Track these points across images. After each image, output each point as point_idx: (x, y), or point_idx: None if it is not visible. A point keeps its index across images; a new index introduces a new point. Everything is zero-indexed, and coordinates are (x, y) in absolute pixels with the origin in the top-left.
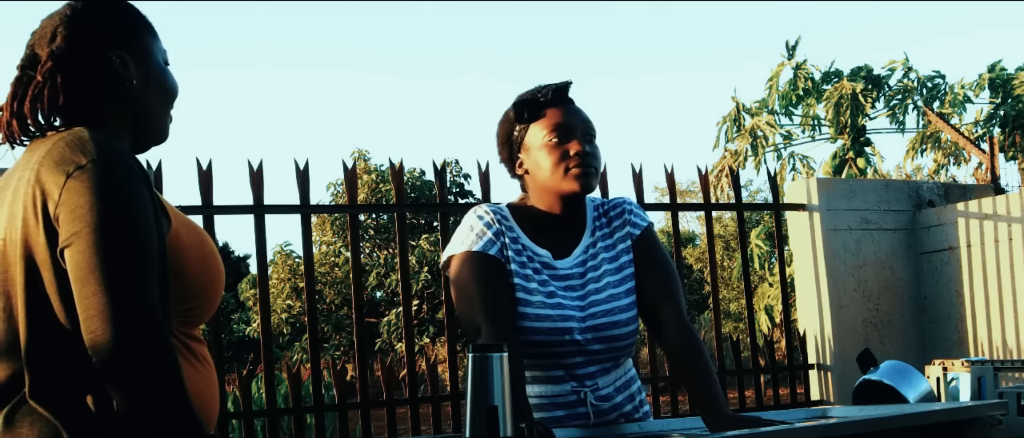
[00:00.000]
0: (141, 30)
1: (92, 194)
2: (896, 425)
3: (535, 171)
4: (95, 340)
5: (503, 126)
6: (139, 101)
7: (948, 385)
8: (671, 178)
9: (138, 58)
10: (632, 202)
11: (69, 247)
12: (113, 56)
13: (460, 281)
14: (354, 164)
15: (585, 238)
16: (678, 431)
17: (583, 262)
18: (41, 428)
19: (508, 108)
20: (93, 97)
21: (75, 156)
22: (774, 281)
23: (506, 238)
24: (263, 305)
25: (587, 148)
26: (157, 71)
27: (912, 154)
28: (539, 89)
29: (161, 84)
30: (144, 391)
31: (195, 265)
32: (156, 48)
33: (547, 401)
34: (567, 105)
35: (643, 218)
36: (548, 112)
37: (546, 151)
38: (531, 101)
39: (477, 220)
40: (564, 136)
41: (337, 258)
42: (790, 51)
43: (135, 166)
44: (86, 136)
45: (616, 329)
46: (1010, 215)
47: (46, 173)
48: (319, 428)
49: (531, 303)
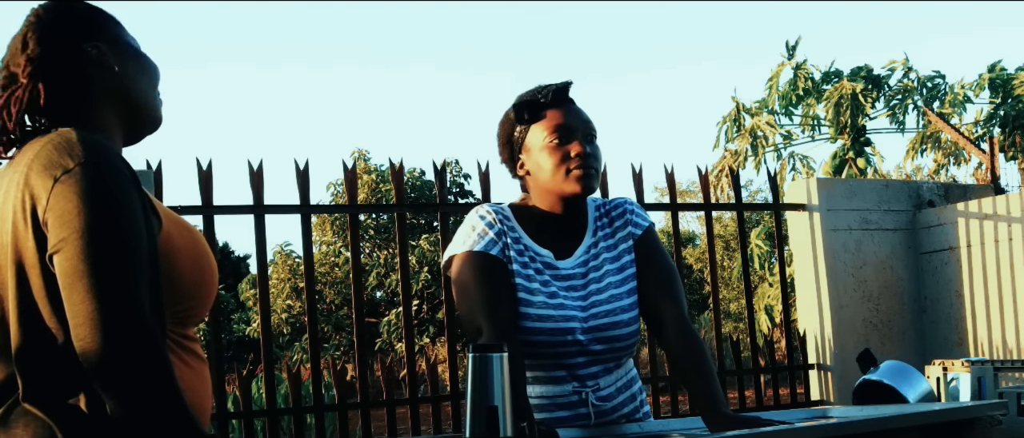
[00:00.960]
0: (107, 22)
1: (80, 199)
2: (896, 425)
3: (536, 172)
4: (84, 347)
5: (503, 127)
6: (125, 87)
7: (948, 385)
8: (671, 178)
9: (113, 46)
10: (633, 202)
11: (57, 253)
12: (89, 48)
13: (461, 281)
14: (354, 164)
15: (587, 238)
16: (678, 431)
17: (585, 262)
18: (36, 429)
19: (508, 108)
20: (78, 94)
21: (63, 159)
22: (774, 281)
23: (508, 238)
24: (263, 305)
25: (588, 149)
26: (136, 54)
27: (912, 154)
28: (539, 90)
29: (142, 66)
30: (135, 397)
31: (188, 266)
32: (127, 36)
33: (548, 401)
34: (567, 106)
35: (644, 218)
36: (548, 113)
37: (547, 153)
38: (531, 102)
39: (479, 220)
40: (565, 137)
41: (337, 258)
42: (790, 51)
43: (123, 168)
44: (74, 138)
45: (618, 329)
46: (1010, 215)
47: (35, 177)
48: (319, 428)
49: (533, 303)
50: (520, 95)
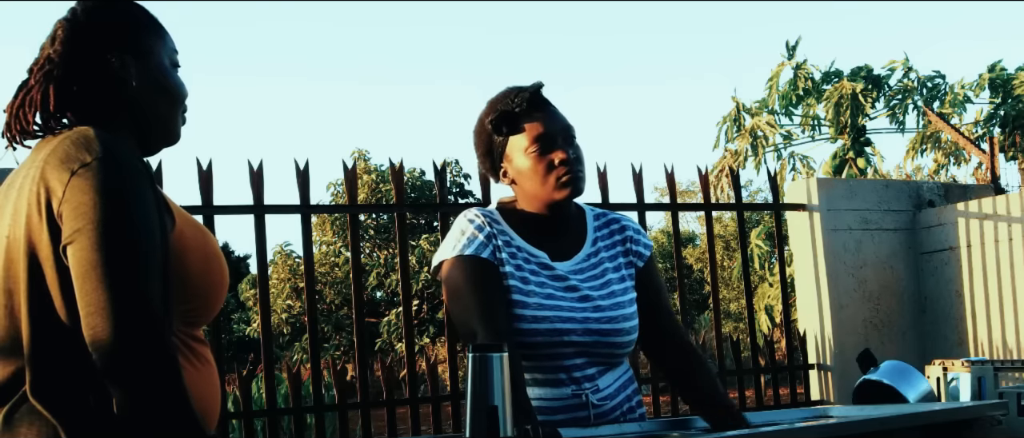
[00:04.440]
0: (146, 31)
1: (95, 192)
2: (896, 425)
3: (521, 180)
4: (95, 336)
5: (481, 137)
6: (141, 103)
7: (948, 385)
8: (671, 178)
9: (141, 60)
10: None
11: (71, 244)
12: (112, 58)
13: (453, 286)
14: (354, 164)
15: (586, 246)
16: (678, 431)
17: (586, 266)
18: (40, 428)
19: (482, 116)
20: (94, 99)
21: (80, 154)
22: (774, 281)
23: (499, 240)
24: (263, 305)
25: (571, 154)
26: (161, 73)
27: (912, 154)
28: (511, 96)
29: (165, 86)
30: (143, 388)
31: (198, 265)
32: (163, 50)
33: (546, 404)
34: (543, 111)
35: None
36: (526, 125)
37: (531, 163)
38: (507, 113)
39: (468, 224)
40: (546, 146)
41: (337, 258)
42: (790, 51)
43: (139, 165)
44: (91, 135)
45: (621, 335)
46: (1010, 215)
47: (51, 171)
48: (319, 428)
49: (528, 305)
50: (492, 101)
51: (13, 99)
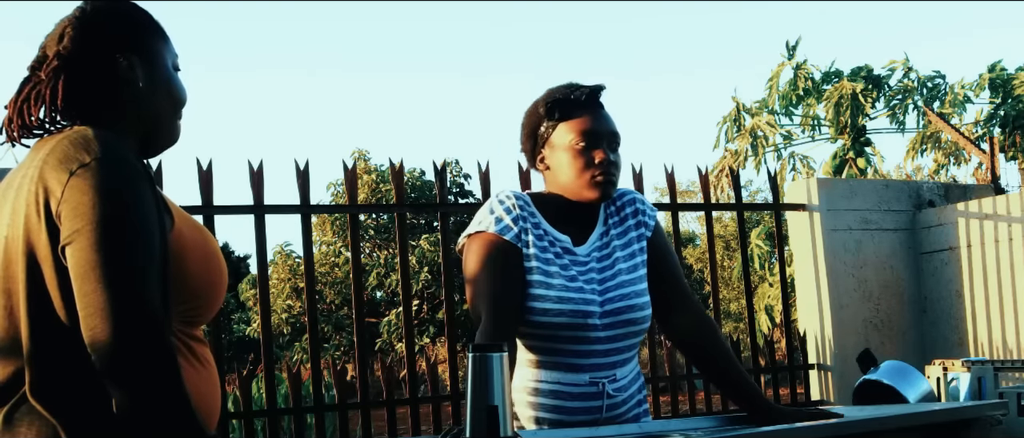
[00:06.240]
0: (151, 34)
1: (94, 192)
2: (896, 425)
3: (557, 170)
4: (94, 337)
5: (530, 118)
6: (146, 105)
7: (948, 385)
8: (671, 178)
9: (147, 62)
10: (640, 196)
11: (70, 244)
12: (120, 59)
13: (471, 263)
14: (354, 164)
15: (598, 227)
16: (678, 431)
17: (598, 248)
18: (40, 428)
19: (538, 100)
20: (99, 98)
21: (79, 154)
22: (774, 281)
23: (528, 223)
24: (263, 305)
25: (611, 157)
26: (165, 77)
27: (912, 154)
28: (573, 88)
29: (169, 90)
30: (142, 388)
31: (197, 265)
32: (166, 53)
33: (563, 389)
34: (597, 111)
35: (652, 212)
36: (579, 116)
37: (571, 155)
38: (564, 100)
39: (498, 204)
40: (591, 143)
41: (337, 258)
42: (790, 51)
43: (138, 165)
44: (90, 135)
45: (634, 312)
46: (1010, 215)
47: (49, 171)
48: (319, 428)
49: (552, 286)
50: (551, 90)
51: (17, 94)
